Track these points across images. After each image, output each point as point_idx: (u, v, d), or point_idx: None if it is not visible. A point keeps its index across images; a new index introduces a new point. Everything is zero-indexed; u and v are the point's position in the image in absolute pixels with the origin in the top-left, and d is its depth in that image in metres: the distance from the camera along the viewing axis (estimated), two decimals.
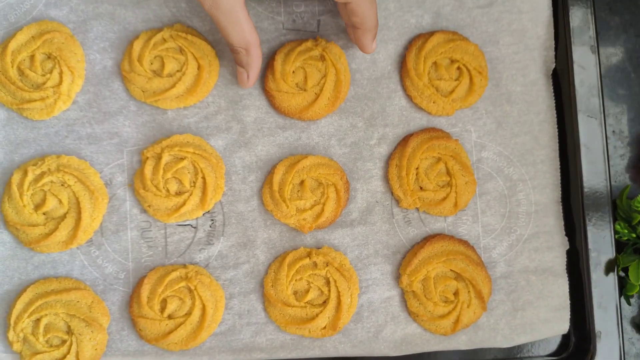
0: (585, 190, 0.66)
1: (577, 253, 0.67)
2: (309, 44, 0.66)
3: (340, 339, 0.65)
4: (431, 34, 0.67)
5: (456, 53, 0.66)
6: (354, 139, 0.67)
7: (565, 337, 0.68)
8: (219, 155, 0.66)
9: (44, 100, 0.65)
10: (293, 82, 0.66)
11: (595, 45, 0.67)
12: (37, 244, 0.64)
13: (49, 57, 0.65)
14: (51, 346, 0.63)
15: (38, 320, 0.63)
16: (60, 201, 0.64)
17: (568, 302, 0.66)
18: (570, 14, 0.67)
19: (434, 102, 0.67)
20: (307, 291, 0.65)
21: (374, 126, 0.67)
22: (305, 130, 0.67)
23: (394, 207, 0.67)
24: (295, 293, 0.65)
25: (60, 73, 0.65)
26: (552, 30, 0.68)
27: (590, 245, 0.66)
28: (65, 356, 0.63)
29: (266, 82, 0.66)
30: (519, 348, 0.67)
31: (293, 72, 0.66)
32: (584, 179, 0.66)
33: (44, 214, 0.64)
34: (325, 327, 0.64)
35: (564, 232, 0.67)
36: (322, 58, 0.66)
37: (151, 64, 0.66)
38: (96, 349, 0.64)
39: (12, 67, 0.65)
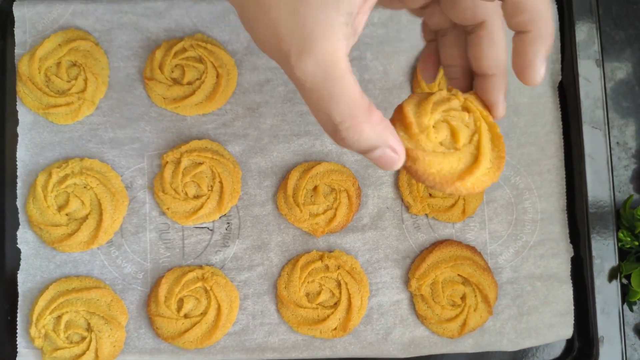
0: (590, 199, 0.68)
1: (581, 260, 0.68)
2: (444, 94, 0.47)
3: (350, 340, 0.67)
4: None
5: None
6: None
7: (569, 342, 0.69)
8: (235, 161, 0.68)
9: (69, 106, 0.67)
10: (437, 139, 0.46)
11: (600, 59, 0.69)
12: (59, 244, 0.66)
13: (74, 64, 0.68)
14: (71, 342, 0.65)
15: (59, 317, 0.65)
16: (82, 203, 0.66)
17: (572, 307, 0.68)
18: (576, 28, 0.69)
19: None
20: (319, 293, 0.66)
21: None
22: (319, 138, 0.69)
23: (403, 213, 0.69)
24: (307, 295, 0.67)
25: (85, 80, 0.67)
26: (559, 44, 0.70)
27: (594, 253, 0.67)
28: (84, 352, 0.64)
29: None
30: (524, 352, 0.69)
31: (433, 127, 0.46)
32: (589, 188, 0.68)
33: (66, 214, 0.66)
34: (335, 329, 0.66)
35: (569, 240, 0.69)
36: (467, 109, 0.48)
37: (172, 72, 0.68)
38: (114, 346, 0.66)
39: (40, 73, 0.67)
